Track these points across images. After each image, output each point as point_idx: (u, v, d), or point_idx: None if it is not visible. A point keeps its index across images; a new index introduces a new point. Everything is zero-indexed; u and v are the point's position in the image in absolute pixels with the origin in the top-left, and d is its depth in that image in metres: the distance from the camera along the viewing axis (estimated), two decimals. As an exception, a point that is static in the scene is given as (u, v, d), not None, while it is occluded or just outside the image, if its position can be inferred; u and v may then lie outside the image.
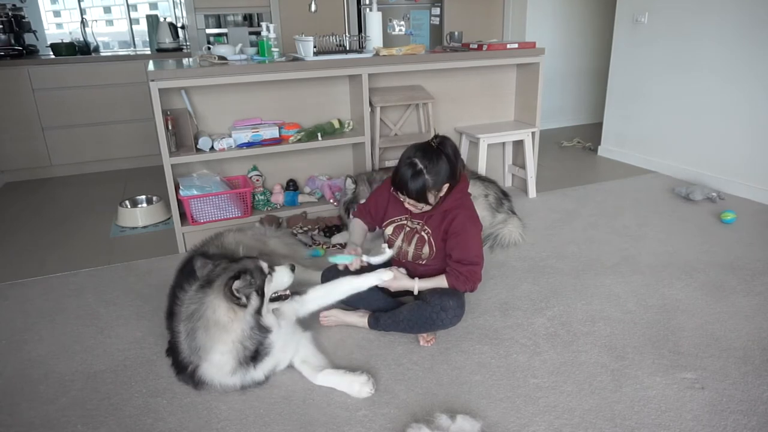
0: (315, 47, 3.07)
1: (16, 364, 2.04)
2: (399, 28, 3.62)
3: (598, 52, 5.70)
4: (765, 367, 1.90)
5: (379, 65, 3.12)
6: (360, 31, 4.97)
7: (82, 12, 5.03)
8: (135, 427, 1.71)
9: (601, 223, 3.20)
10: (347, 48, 3.20)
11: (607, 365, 1.94)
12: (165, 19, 4.92)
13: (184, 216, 3.00)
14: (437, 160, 1.89)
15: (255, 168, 3.29)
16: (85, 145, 4.57)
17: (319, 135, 3.16)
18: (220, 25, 4.96)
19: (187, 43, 4.96)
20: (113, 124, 4.60)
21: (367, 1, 5.04)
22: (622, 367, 1.92)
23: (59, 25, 5.05)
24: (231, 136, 3.03)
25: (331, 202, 3.31)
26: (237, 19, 5.02)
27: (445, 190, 1.96)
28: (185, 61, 3.47)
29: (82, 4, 5.01)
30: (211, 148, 2.98)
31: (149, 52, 4.85)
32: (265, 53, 3.14)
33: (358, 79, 3.13)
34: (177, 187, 2.95)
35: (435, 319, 1.98)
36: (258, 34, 4.05)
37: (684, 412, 1.70)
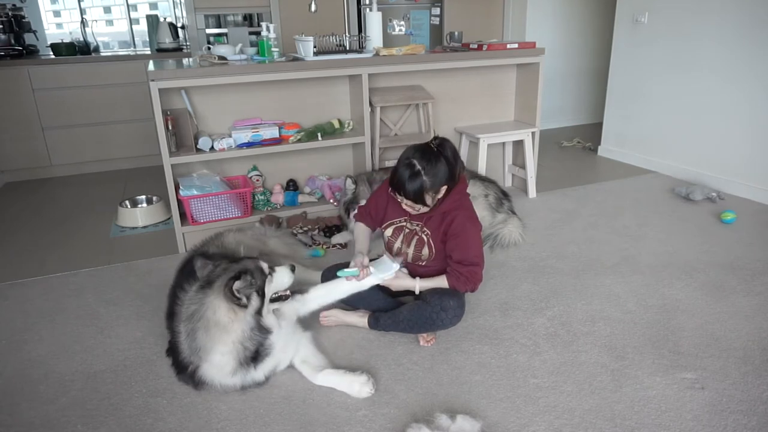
0: (315, 47, 3.07)
1: (16, 364, 2.04)
2: (399, 28, 3.61)
3: (598, 52, 5.70)
4: (765, 367, 1.90)
5: (379, 65, 3.12)
6: (360, 31, 4.97)
7: (82, 12, 5.03)
8: (135, 427, 1.71)
9: (601, 223, 3.20)
10: (347, 48, 3.20)
11: (607, 365, 1.94)
12: (165, 19, 4.92)
13: (184, 216, 3.00)
14: (436, 162, 1.88)
15: (255, 168, 3.29)
16: (85, 145, 4.57)
17: (319, 135, 3.16)
18: (220, 25, 4.96)
19: (187, 43, 4.96)
20: (113, 124, 4.60)
21: (367, 1, 5.04)
22: (622, 367, 1.92)
23: (59, 25, 5.05)
24: (231, 136, 3.03)
25: (331, 202, 3.31)
26: (237, 19, 5.02)
27: (443, 192, 1.95)
28: (185, 61, 3.47)
29: (82, 4, 5.01)
30: (211, 148, 2.98)
31: (149, 52, 4.85)
32: (265, 53, 3.14)
33: (358, 79, 3.13)
34: (177, 187, 2.95)
35: (435, 319, 1.99)
36: (258, 34, 4.05)
37: (684, 412, 1.70)
